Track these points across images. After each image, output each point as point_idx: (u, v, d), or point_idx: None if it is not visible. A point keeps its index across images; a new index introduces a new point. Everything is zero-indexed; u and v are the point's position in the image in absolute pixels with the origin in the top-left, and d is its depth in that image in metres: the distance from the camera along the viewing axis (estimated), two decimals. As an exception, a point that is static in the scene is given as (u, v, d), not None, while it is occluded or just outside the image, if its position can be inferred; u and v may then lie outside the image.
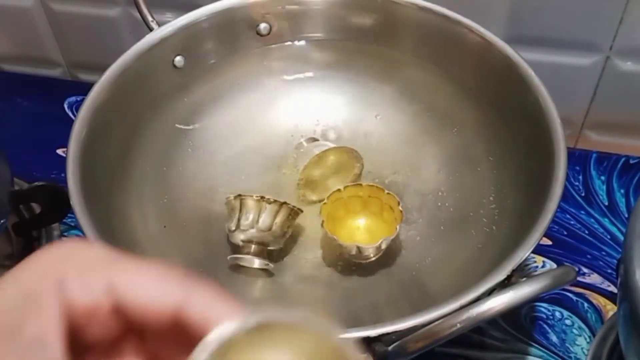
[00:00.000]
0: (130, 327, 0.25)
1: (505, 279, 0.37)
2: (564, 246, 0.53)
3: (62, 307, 0.23)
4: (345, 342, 0.22)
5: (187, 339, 0.24)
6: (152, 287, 0.24)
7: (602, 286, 0.51)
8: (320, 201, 0.48)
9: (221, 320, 0.22)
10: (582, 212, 0.55)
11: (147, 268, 0.24)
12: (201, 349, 0.21)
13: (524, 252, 0.38)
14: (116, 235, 0.44)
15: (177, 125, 0.53)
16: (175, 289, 0.24)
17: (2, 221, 0.49)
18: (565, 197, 0.55)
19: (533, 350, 0.47)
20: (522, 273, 0.38)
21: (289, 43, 0.56)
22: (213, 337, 0.21)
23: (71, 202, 0.41)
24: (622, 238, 0.53)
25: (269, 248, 0.47)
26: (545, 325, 0.48)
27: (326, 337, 0.22)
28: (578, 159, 0.59)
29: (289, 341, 0.22)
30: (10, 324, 0.22)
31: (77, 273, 0.23)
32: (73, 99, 0.68)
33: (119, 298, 0.24)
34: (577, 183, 0.57)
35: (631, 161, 0.59)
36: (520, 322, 0.49)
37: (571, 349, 0.47)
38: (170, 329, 0.24)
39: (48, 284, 0.23)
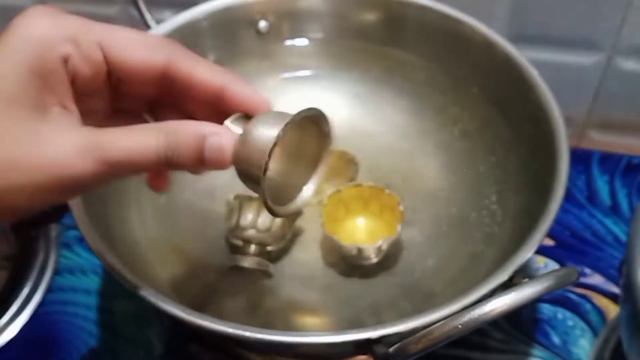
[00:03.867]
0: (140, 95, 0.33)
1: (507, 280, 0.36)
2: (566, 247, 0.53)
3: (71, 80, 0.29)
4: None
5: (175, 97, 0.32)
6: (141, 52, 0.30)
7: (605, 287, 0.50)
8: (317, 203, 0.48)
9: (202, 69, 0.31)
10: (585, 212, 0.55)
11: (135, 36, 0.31)
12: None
13: (526, 253, 0.37)
14: (115, 234, 0.44)
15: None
16: (160, 53, 0.31)
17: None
18: (568, 197, 0.54)
19: (535, 351, 0.47)
20: (524, 274, 0.38)
21: (289, 42, 0.56)
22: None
23: (69, 202, 0.41)
24: (625, 238, 0.52)
25: (268, 249, 0.46)
26: (547, 327, 0.48)
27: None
28: (581, 158, 0.59)
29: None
30: (32, 99, 0.27)
31: (76, 48, 0.29)
32: (72, 98, 0.67)
33: (112, 64, 0.30)
34: (579, 183, 0.57)
35: (634, 161, 0.58)
36: (522, 323, 0.48)
37: (573, 350, 0.47)
38: (162, 86, 0.31)
39: (57, 64, 0.28)
